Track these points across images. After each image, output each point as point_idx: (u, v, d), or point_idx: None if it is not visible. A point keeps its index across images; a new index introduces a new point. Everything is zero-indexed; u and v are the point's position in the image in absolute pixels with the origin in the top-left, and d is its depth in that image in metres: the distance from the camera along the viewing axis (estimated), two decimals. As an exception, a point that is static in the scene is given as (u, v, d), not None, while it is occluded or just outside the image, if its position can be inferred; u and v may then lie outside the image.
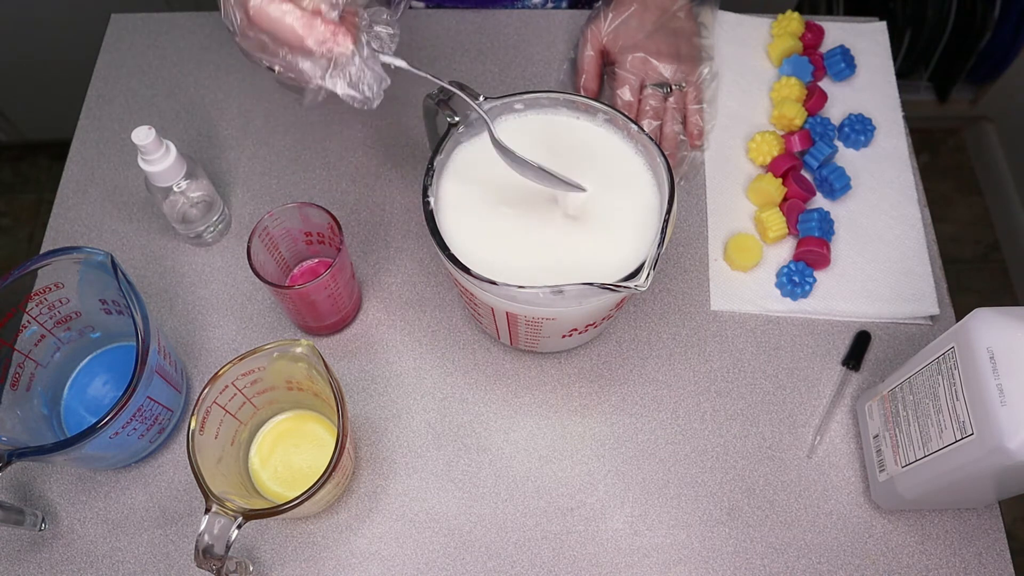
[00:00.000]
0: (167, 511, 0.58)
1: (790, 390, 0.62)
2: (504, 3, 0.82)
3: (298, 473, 0.56)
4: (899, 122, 0.74)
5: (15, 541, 0.57)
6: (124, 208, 0.70)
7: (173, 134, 0.73)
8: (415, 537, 0.57)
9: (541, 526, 0.57)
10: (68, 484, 0.59)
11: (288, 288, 0.55)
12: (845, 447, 0.60)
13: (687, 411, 0.62)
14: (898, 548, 0.57)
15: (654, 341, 0.64)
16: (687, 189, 0.71)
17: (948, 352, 0.48)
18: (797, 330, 0.65)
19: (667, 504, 0.58)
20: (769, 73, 0.76)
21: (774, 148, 0.70)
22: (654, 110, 0.70)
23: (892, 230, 0.68)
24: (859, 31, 0.78)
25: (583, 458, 0.60)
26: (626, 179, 0.54)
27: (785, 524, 0.58)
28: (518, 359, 0.63)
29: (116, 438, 0.52)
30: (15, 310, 0.53)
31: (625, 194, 0.54)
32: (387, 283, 0.66)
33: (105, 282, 0.52)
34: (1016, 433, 0.42)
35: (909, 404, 0.52)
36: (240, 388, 0.51)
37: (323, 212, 0.57)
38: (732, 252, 0.66)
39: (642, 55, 0.70)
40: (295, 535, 0.57)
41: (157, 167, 0.59)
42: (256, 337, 0.64)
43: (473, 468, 0.59)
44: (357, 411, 0.61)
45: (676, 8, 0.71)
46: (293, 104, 0.75)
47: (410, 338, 0.64)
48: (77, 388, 0.60)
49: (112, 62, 0.77)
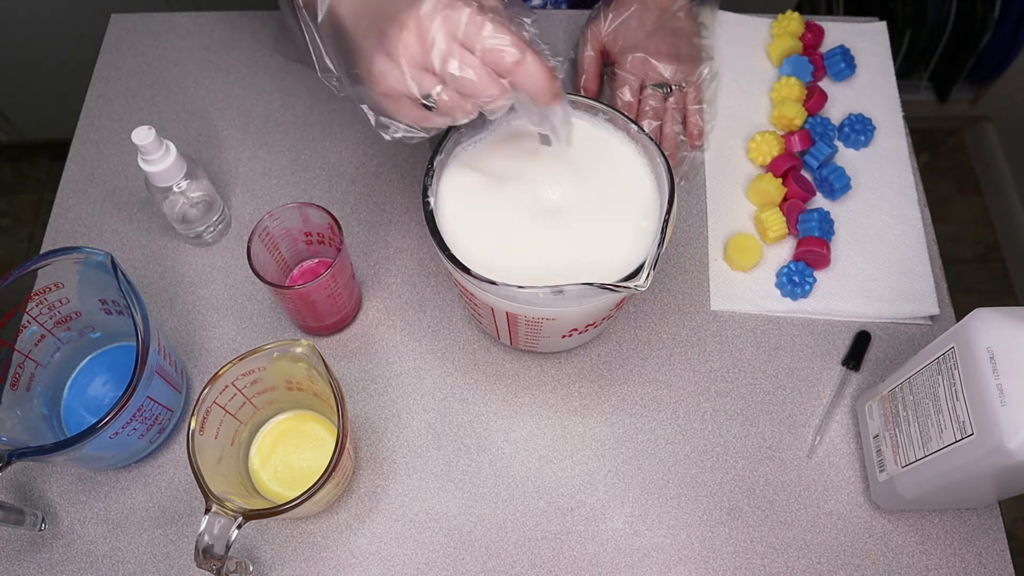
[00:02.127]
0: (167, 511, 0.58)
1: (790, 390, 0.62)
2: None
3: (298, 473, 0.56)
4: (899, 122, 0.74)
5: (15, 541, 0.57)
6: (124, 208, 0.70)
7: (173, 134, 0.73)
8: (415, 537, 0.57)
9: (541, 526, 0.57)
10: (68, 484, 0.59)
11: (288, 288, 0.55)
12: (845, 447, 0.60)
13: (687, 411, 0.62)
14: (898, 548, 0.57)
15: (654, 341, 0.64)
16: (687, 189, 0.71)
17: (948, 352, 0.48)
18: (797, 330, 0.65)
19: (667, 504, 0.58)
20: (769, 73, 0.76)
21: (774, 148, 0.70)
22: (654, 110, 0.70)
23: (892, 230, 0.68)
24: (859, 31, 0.78)
25: (583, 458, 0.60)
26: (626, 179, 0.54)
27: (785, 524, 0.58)
28: (518, 359, 0.64)
29: (116, 438, 0.52)
30: (15, 310, 0.53)
31: (625, 194, 0.54)
32: (387, 283, 0.66)
33: (105, 282, 0.52)
34: (1016, 433, 0.42)
35: (909, 404, 0.52)
36: (240, 388, 0.51)
37: (323, 212, 0.57)
38: (732, 252, 0.66)
39: (642, 55, 0.70)
40: (295, 535, 0.57)
41: (157, 167, 0.59)
42: (256, 337, 0.64)
43: (473, 468, 0.59)
44: (357, 411, 0.61)
45: (676, 8, 0.71)
46: (293, 104, 0.75)
47: (410, 338, 0.64)
48: (77, 388, 0.60)
49: (112, 62, 0.77)
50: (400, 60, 0.44)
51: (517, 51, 0.43)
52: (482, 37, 0.43)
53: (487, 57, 0.44)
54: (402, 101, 0.46)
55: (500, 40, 0.43)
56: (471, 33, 0.43)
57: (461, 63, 0.43)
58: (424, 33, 0.43)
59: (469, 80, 0.44)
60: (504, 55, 0.43)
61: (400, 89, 0.45)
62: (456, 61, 0.43)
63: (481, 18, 0.43)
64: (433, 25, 0.43)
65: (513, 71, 0.44)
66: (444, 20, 0.43)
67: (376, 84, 0.46)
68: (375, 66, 0.45)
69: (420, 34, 0.43)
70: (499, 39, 0.43)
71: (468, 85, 0.44)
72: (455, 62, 0.43)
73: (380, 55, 0.45)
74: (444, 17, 0.43)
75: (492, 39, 0.43)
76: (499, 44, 0.43)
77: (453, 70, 0.44)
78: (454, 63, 0.43)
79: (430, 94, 0.45)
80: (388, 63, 0.45)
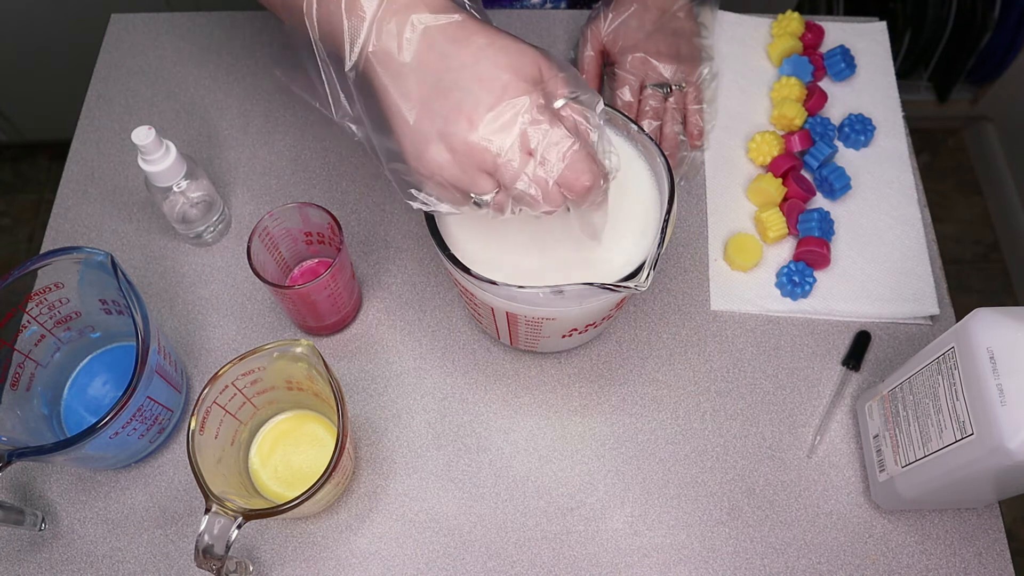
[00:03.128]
0: (167, 511, 0.58)
1: (790, 390, 0.62)
2: (504, 3, 0.82)
3: (298, 473, 0.57)
4: (899, 122, 0.74)
5: (15, 541, 0.56)
6: (124, 208, 0.70)
7: (173, 134, 0.73)
8: (415, 537, 0.57)
9: (541, 526, 0.57)
10: (68, 484, 0.59)
11: (288, 288, 0.55)
12: (845, 447, 0.60)
13: (687, 411, 0.62)
14: (898, 548, 0.57)
15: (654, 341, 0.64)
16: (687, 189, 0.71)
17: (948, 352, 0.48)
18: (797, 330, 0.65)
19: (667, 504, 0.58)
20: (769, 73, 0.76)
21: (774, 148, 0.70)
22: (654, 110, 0.70)
23: (892, 230, 0.68)
24: (859, 31, 0.78)
25: (583, 458, 0.60)
26: (626, 179, 0.54)
27: (785, 524, 0.58)
28: (518, 359, 0.63)
29: (116, 438, 0.52)
30: (15, 310, 0.53)
31: (625, 194, 0.54)
32: (387, 283, 0.66)
33: (105, 282, 0.52)
34: (1016, 433, 0.42)
35: (909, 404, 0.52)
36: (240, 388, 0.51)
37: (323, 212, 0.57)
38: (732, 252, 0.66)
39: (642, 55, 0.70)
40: (295, 535, 0.57)
41: (157, 167, 0.59)
42: (256, 337, 0.64)
43: (473, 468, 0.59)
44: (357, 411, 0.61)
45: (676, 8, 0.71)
46: (293, 104, 0.75)
47: (410, 338, 0.64)
48: (77, 388, 0.60)
49: (112, 62, 0.77)
50: (463, 159, 0.41)
51: (591, 176, 0.41)
52: (558, 155, 0.40)
53: (562, 179, 0.41)
54: (449, 190, 0.43)
55: (579, 166, 0.41)
56: (546, 147, 0.40)
57: (531, 182, 0.41)
58: (494, 139, 0.40)
59: (531, 196, 0.41)
60: (578, 181, 0.41)
61: (455, 184, 0.42)
62: (526, 180, 0.41)
63: (558, 133, 0.40)
64: (507, 138, 0.40)
65: (583, 197, 0.42)
66: (522, 135, 0.40)
67: (428, 170, 0.43)
68: (431, 153, 0.42)
69: (490, 138, 0.40)
70: (578, 164, 0.41)
71: (529, 200, 0.42)
72: (525, 181, 0.41)
73: (439, 145, 0.41)
74: (523, 132, 0.40)
75: (572, 164, 0.41)
76: (577, 171, 0.41)
77: (522, 187, 0.41)
78: (524, 181, 0.41)
79: (484, 195, 0.43)
80: (447, 156, 0.41)
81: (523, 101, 0.40)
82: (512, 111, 0.40)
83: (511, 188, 0.41)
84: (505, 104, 0.40)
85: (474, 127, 0.40)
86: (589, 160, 0.42)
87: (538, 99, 0.41)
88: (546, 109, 0.41)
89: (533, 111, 0.40)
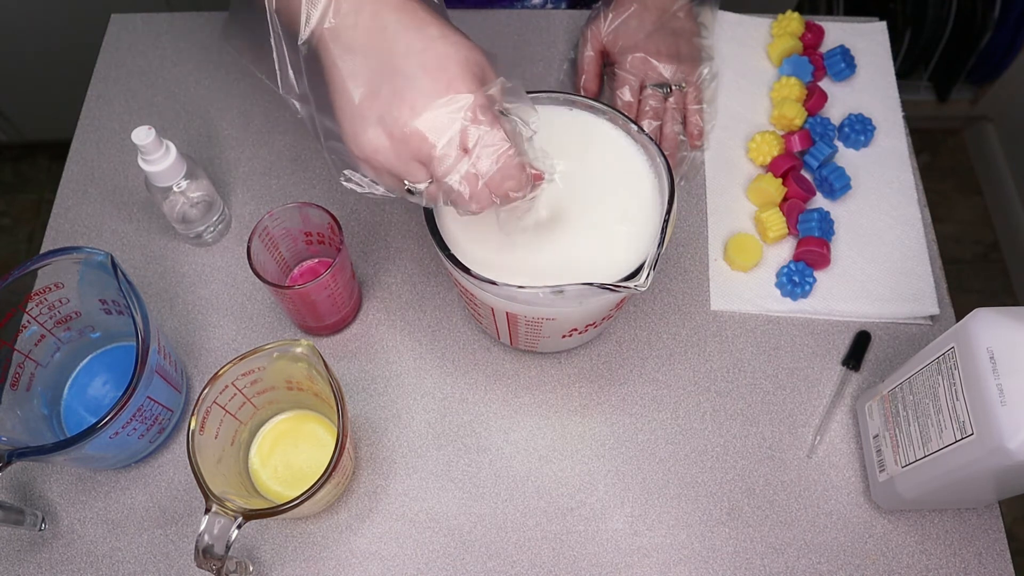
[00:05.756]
0: (167, 511, 0.58)
1: (790, 390, 0.62)
2: (504, 3, 0.82)
3: (298, 473, 0.57)
4: (899, 122, 0.74)
5: (15, 541, 0.56)
6: (124, 208, 0.70)
7: (173, 134, 0.73)
8: (415, 537, 0.57)
9: (541, 526, 0.57)
10: (68, 484, 0.59)
11: (288, 288, 0.55)
12: (845, 447, 0.60)
13: (687, 411, 0.62)
14: (898, 548, 0.57)
15: (654, 341, 0.64)
16: (687, 189, 0.71)
17: (948, 352, 0.48)
18: (797, 330, 0.65)
19: (667, 504, 0.58)
20: (769, 73, 0.76)
21: (774, 148, 0.70)
22: (654, 110, 0.70)
23: (892, 230, 0.68)
24: (859, 31, 0.78)
25: (583, 458, 0.60)
26: (626, 179, 0.54)
27: (785, 524, 0.58)
28: (518, 359, 0.63)
29: (116, 438, 0.52)
30: (15, 310, 0.53)
31: (625, 194, 0.54)
32: (387, 283, 0.66)
33: (105, 282, 0.52)
34: (1016, 433, 0.42)
35: (909, 404, 0.52)
36: (240, 388, 0.51)
37: (323, 212, 0.57)
38: (732, 252, 0.66)
39: (642, 55, 0.70)
40: (295, 535, 0.57)
41: (157, 167, 0.59)
42: (256, 337, 0.64)
43: (473, 468, 0.59)
44: (357, 411, 0.61)
45: (676, 8, 0.71)
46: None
47: (410, 338, 0.64)
48: (77, 388, 0.60)
49: (112, 62, 0.77)
50: (399, 146, 0.41)
51: (518, 184, 0.42)
52: (493, 157, 0.41)
53: (491, 181, 0.42)
54: (384, 174, 0.44)
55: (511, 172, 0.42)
56: (482, 148, 0.41)
57: (463, 179, 0.41)
58: (434, 131, 0.40)
59: (459, 193, 0.42)
60: (506, 185, 0.42)
61: (389, 169, 0.43)
62: (458, 176, 0.41)
63: (496, 135, 0.41)
64: (447, 132, 0.40)
65: (508, 201, 0.43)
66: (462, 131, 0.41)
67: (363, 152, 0.43)
68: (368, 136, 0.42)
69: (430, 129, 0.40)
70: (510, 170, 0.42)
71: (458, 197, 0.42)
72: (457, 177, 0.41)
73: (378, 129, 0.42)
74: (463, 128, 0.41)
75: (505, 169, 0.41)
76: (507, 176, 0.42)
77: (452, 183, 0.42)
78: (455, 177, 0.41)
79: (418, 184, 0.43)
80: (385, 141, 0.42)
81: (467, 98, 0.41)
82: (455, 106, 0.41)
83: (442, 182, 0.42)
84: (449, 98, 0.40)
85: (416, 115, 0.40)
86: (520, 168, 0.42)
87: (481, 99, 0.41)
88: (488, 110, 0.42)
89: (476, 110, 0.41)
